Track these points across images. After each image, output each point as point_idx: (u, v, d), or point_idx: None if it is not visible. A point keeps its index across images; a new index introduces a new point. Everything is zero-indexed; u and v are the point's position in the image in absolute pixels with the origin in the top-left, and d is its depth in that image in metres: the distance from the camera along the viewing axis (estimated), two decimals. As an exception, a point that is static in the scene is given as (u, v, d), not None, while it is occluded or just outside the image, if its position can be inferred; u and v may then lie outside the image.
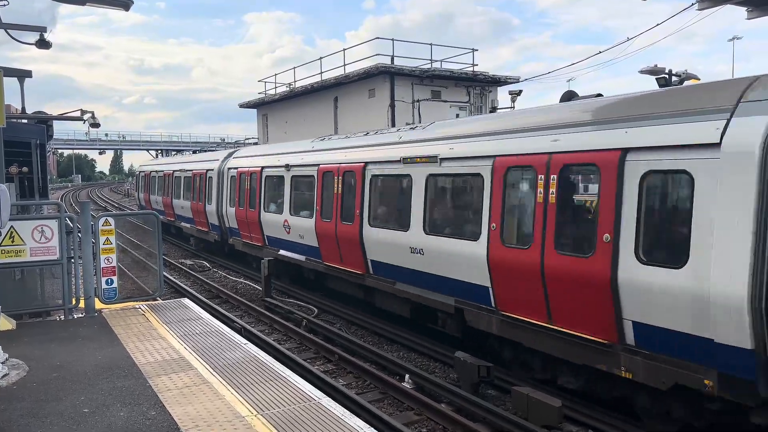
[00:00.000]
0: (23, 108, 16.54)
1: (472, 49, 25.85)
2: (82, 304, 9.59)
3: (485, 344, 9.71)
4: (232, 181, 19.40)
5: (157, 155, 76.10)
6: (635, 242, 6.71)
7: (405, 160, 11.01)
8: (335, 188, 13.23)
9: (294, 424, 5.40)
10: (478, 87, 25.20)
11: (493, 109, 23.51)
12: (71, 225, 9.37)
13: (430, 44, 25.36)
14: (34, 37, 12.41)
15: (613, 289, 6.90)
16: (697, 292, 6.14)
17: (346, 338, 11.53)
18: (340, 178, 13.05)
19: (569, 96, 10.41)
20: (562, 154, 7.71)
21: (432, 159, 10.26)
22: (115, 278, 9.83)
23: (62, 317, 9.40)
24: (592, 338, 7.31)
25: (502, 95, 25.80)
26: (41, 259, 9.07)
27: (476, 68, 25.62)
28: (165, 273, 15.39)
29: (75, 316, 9.41)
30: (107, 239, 9.72)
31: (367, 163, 12.16)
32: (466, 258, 9.26)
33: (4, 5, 7.27)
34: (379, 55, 24.56)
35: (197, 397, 6.06)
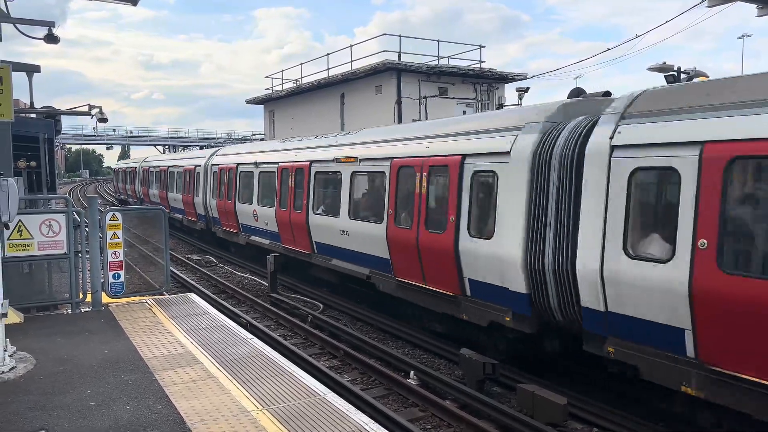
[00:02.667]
0: (31, 103, 16.61)
1: (480, 46, 25.79)
2: (89, 298, 9.63)
3: (389, 302, 12.14)
4: (214, 176, 21.98)
5: (164, 150, 76.28)
6: (467, 222, 9.27)
7: (337, 160, 13.43)
8: (290, 182, 15.58)
9: (299, 419, 5.41)
10: (485, 84, 25.11)
11: (500, 106, 23.43)
12: (78, 219, 9.41)
13: (438, 41, 25.28)
14: (42, 31, 12.45)
15: (456, 255, 9.41)
16: (499, 256, 8.64)
17: (352, 334, 11.54)
18: (293, 174, 15.37)
19: (577, 93, 10.38)
20: (430, 157, 10.27)
21: (354, 159, 12.74)
22: (122, 273, 9.87)
23: (69, 311, 9.45)
24: (448, 293, 9.86)
25: (509, 92, 25.73)
26: (49, 253, 9.12)
27: (484, 65, 25.56)
28: (172, 268, 15.45)
29: (82, 310, 9.47)
30: (114, 234, 9.76)
31: (312, 162, 14.55)
32: (375, 237, 11.64)
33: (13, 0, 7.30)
34: (386, 51, 24.52)
35: (203, 391, 6.08)
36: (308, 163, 14.65)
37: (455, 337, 10.48)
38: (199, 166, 23.95)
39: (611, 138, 7.07)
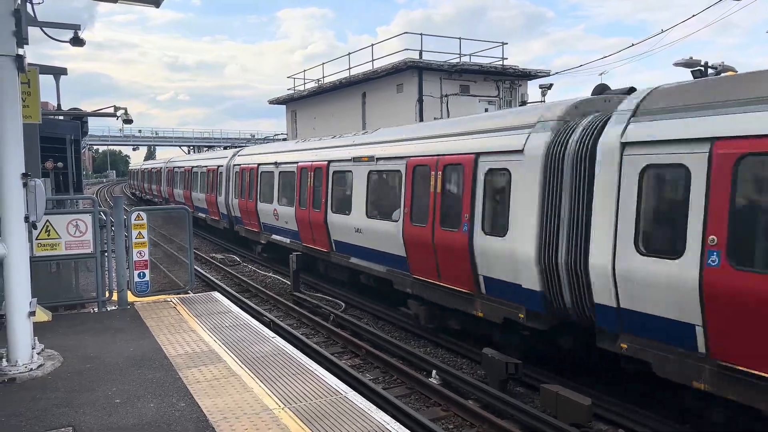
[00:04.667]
0: (59, 105, 16.88)
1: (502, 43, 25.61)
2: (115, 296, 9.78)
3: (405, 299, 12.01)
4: (236, 176, 22.49)
5: (189, 151, 77.15)
6: (481, 220, 9.48)
7: (354, 159, 13.60)
8: (309, 182, 15.79)
9: (320, 418, 5.42)
10: (507, 81, 24.92)
11: (523, 103, 23.22)
12: (105, 219, 9.55)
13: (459, 38, 25.15)
14: (69, 35, 12.65)
15: (470, 252, 9.60)
16: (512, 253, 8.75)
17: (374, 333, 11.55)
18: (312, 173, 15.63)
19: (601, 89, 10.21)
20: (444, 156, 10.42)
21: (371, 158, 12.93)
22: (147, 272, 9.99)
23: (96, 310, 9.59)
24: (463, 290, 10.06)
25: (532, 89, 25.53)
26: (76, 252, 9.26)
27: (506, 62, 25.36)
28: (196, 267, 15.63)
29: (108, 309, 9.61)
30: (139, 233, 9.89)
31: (330, 162, 14.77)
32: (391, 235, 11.82)
33: (40, 3, 7.42)
34: (407, 50, 24.46)
35: (226, 389, 6.13)
36: (326, 162, 14.86)
37: (471, 333, 10.69)
38: (222, 166, 24.51)
39: (622, 135, 7.14)
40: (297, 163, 16.71)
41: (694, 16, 18.03)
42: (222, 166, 24.53)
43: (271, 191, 18.68)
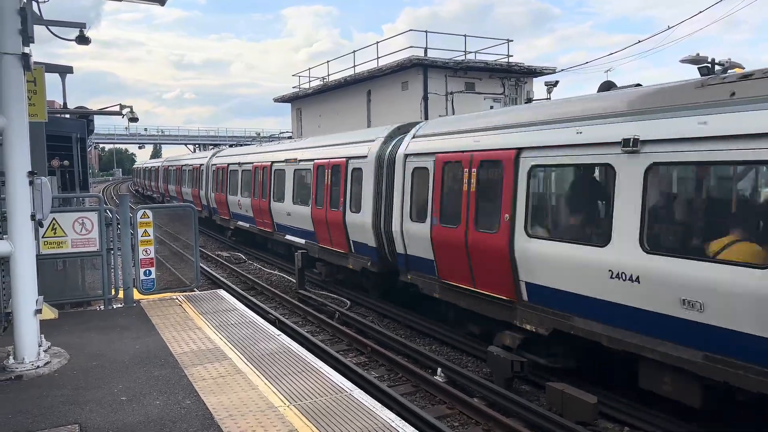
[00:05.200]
0: (64, 103, 16.96)
1: (507, 40, 25.50)
2: (121, 294, 9.82)
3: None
4: (213, 174, 27.12)
5: (194, 149, 77.38)
6: (349, 202, 13.97)
7: (287, 161, 17.88)
8: (260, 178, 19.69)
9: (326, 416, 5.42)
10: (513, 78, 24.85)
11: (528, 100, 23.14)
12: (111, 217, 9.58)
13: (464, 35, 25.09)
14: (75, 33, 12.68)
15: (344, 224, 13.93)
16: (363, 223, 13.16)
17: (379, 331, 11.54)
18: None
19: (607, 86, 10.16)
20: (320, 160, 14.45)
21: (296, 160, 17.28)
22: (153, 269, 10.02)
23: (102, 307, 9.63)
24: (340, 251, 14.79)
25: (538, 86, 25.41)
26: (82, 250, 9.30)
27: (512, 59, 25.28)
28: (201, 264, 15.64)
29: (114, 306, 9.64)
30: (145, 231, 9.91)
31: (273, 162, 17.91)
32: (304, 216, 16.43)
33: (45, 1, 7.45)
34: (412, 47, 24.41)
35: (231, 387, 6.14)
36: (270, 163, 17.69)
37: (348, 281, 14.87)
38: (203, 164, 29.28)
39: (406, 149, 11.80)
40: (252, 163, 21.26)
41: (700, 12, 17.93)
42: (203, 165, 29.08)
43: (236, 186, 22.98)
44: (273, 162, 17.42)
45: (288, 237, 13.88)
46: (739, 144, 5.94)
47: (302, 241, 14.21)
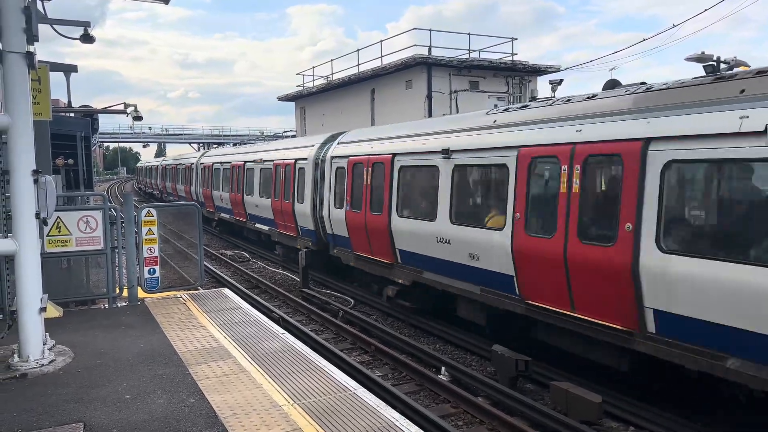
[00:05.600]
0: (69, 102, 16.99)
1: (512, 38, 25.42)
2: (125, 293, 9.83)
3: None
4: (201, 171, 31.23)
5: (198, 148, 77.53)
6: (302, 195, 17.05)
7: (255, 161, 21.83)
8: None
9: (330, 414, 5.41)
10: (517, 77, 24.78)
11: (533, 99, 23.08)
12: (115, 216, 9.59)
13: (468, 34, 25.04)
14: (79, 32, 12.70)
15: (293, 213, 17.58)
16: (302, 211, 16.78)
17: (383, 330, 11.53)
18: (237, 170, 22.88)
19: (612, 85, 10.12)
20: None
21: (261, 161, 21.16)
22: (157, 268, 10.03)
23: (106, 306, 9.65)
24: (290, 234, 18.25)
25: (542, 85, 25.35)
26: (86, 249, 9.31)
27: (516, 57, 25.20)
28: (206, 263, 15.68)
29: (118, 305, 9.66)
30: (149, 230, 9.92)
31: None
32: (267, 207, 20.12)
33: (49, 0, 7.46)
34: (416, 45, 24.37)
35: (235, 385, 6.14)
36: (242, 162, 21.17)
37: (295, 258, 17.44)
38: (193, 164, 33.56)
39: (331, 152, 15.33)
40: (231, 162, 25.05)
41: (706, 10, 17.84)
42: (193, 164, 33.56)
43: (218, 182, 26.87)
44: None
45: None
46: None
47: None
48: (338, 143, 15.47)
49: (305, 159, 17.03)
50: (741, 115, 6.04)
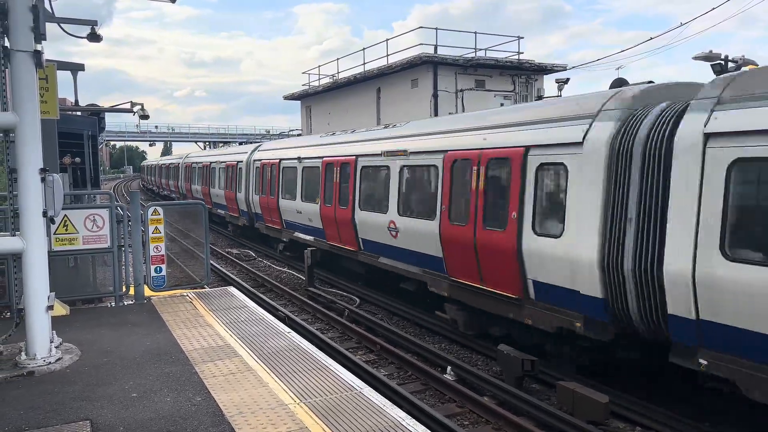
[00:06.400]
0: (76, 100, 17.05)
1: (518, 37, 25.37)
2: (132, 291, 9.85)
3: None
4: (184, 170, 38.66)
5: (204, 147, 77.77)
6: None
7: (237, 161, 24.87)
8: (218, 174, 27.34)
9: (336, 413, 5.41)
10: (523, 75, 24.73)
11: (539, 98, 23.02)
12: (121, 214, 9.61)
13: (475, 33, 24.98)
14: (86, 31, 12.73)
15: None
16: (242, 198, 23.39)
17: (388, 329, 11.53)
18: (229, 169, 25.93)
19: (618, 84, 10.08)
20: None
21: (241, 161, 23.77)
22: (163, 266, 10.04)
23: (113, 304, 9.67)
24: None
25: (549, 84, 25.27)
26: (93, 247, 9.33)
27: (523, 56, 25.15)
28: (212, 262, 15.69)
29: (125, 303, 9.68)
30: (156, 228, 9.94)
31: (219, 161, 24.89)
32: (238, 201, 24.17)
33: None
34: (422, 44, 24.34)
35: (241, 384, 6.14)
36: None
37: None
38: (179, 164, 41.35)
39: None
40: (210, 162, 29.93)
41: (713, 9, 17.73)
42: (179, 164, 41.07)
43: (199, 178, 32.18)
44: (219, 161, 28.99)
45: (219, 211, 26.11)
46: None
47: (223, 212, 25.45)
48: (258, 150, 22.55)
49: (242, 161, 23.54)
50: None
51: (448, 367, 9.30)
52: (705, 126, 6.38)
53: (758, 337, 5.86)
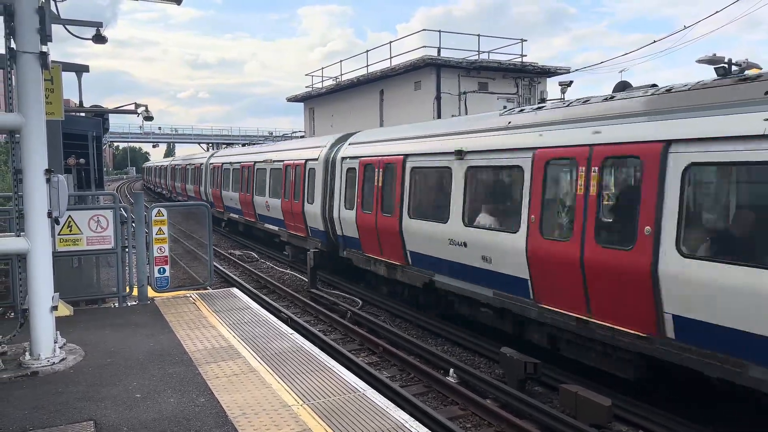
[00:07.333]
0: (81, 101, 17.09)
1: (521, 40, 25.38)
2: (135, 292, 9.87)
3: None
4: (177, 171, 42.87)
5: (207, 148, 77.89)
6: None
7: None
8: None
9: (339, 415, 5.42)
10: (526, 78, 24.73)
11: (542, 101, 23.01)
12: (125, 215, 9.64)
13: (478, 35, 25.01)
14: (91, 32, 12.78)
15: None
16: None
17: (391, 331, 11.53)
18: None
19: (622, 87, 10.07)
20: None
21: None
22: (167, 267, 10.07)
23: (116, 304, 9.70)
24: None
25: (552, 86, 25.28)
26: (97, 248, 9.36)
27: (526, 59, 25.16)
28: (215, 263, 15.73)
29: (129, 304, 9.70)
30: (160, 229, 9.96)
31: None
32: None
33: (63, 0, 7.52)
34: (425, 47, 24.36)
35: (245, 385, 6.15)
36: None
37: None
38: (171, 164, 46.18)
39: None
40: (212, 163, 31.09)
41: (717, 12, 17.73)
42: (168, 165, 46.59)
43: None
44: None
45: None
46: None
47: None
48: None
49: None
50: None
51: (451, 370, 9.30)
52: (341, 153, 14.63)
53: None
